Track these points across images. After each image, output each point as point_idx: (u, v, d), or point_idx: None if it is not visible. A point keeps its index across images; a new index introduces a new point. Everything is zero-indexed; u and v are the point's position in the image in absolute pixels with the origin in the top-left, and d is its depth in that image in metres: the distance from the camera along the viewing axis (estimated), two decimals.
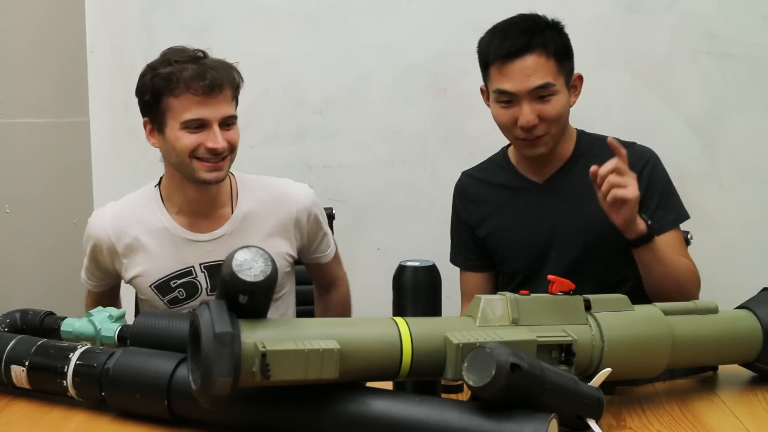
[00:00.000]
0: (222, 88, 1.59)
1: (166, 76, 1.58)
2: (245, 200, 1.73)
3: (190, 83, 1.57)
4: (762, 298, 1.39)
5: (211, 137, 1.59)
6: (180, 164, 1.63)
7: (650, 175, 1.73)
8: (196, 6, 2.52)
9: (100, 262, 1.75)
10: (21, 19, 2.36)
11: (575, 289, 1.20)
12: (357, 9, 2.48)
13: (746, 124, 2.40)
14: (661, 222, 1.69)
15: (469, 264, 1.88)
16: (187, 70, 1.58)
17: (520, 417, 0.99)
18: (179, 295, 1.71)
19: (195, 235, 1.70)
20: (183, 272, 1.70)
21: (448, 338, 1.08)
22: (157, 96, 1.60)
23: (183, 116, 1.59)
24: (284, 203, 1.75)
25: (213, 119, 1.60)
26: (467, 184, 1.88)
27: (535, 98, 1.65)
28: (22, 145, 2.37)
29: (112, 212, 1.74)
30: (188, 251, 1.69)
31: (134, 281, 1.73)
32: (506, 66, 1.65)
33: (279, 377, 0.99)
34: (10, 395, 1.29)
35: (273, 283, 1.03)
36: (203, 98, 1.58)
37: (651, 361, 1.23)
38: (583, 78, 1.76)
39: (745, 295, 1.41)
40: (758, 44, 2.37)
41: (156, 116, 1.64)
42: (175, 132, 1.60)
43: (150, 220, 1.70)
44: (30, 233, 2.38)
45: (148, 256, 1.70)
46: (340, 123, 2.51)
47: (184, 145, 1.60)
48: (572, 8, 2.41)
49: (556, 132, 1.69)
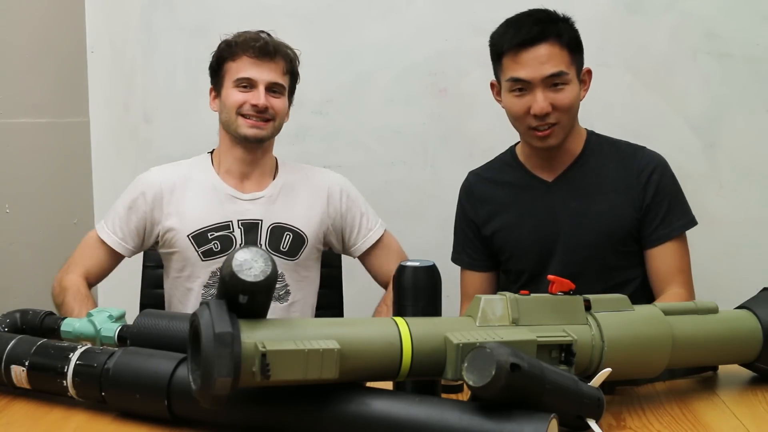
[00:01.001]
0: (273, 55, 1.84)
1: (228, 43, 1.87)
2: (286, 173, 1.96)
3: (245, 46, 1.83)
4: (762, 298, 1.39)
5: (255, 96, 1.82)
6: (228, 121, 1.86)
7: (659, 182, 1.74)
8: (196, 6, 2.52)
9: (137, 212, 1.87)
10: (21, 19, 2.36)
11: (578, 289, 1.20)
12: (357, 9, 2.48)
13: (746, 124, 2.40)
14: (670, 227, 1.71)
15: (473, 263, 1.88)
16: (246, 36, 1.85)
17: (520, 417, 0.99)
18: (214, 247, 1.85)
19: (238, 193, 1.89)
20: (222, 225, 1.86)
21: (448, 338, 1.08)
22: (220, 62, 1.88)
23: (236, 75, 1.84)
24: (319, 178, 1.97)
25: (260, 81, 1.83)
26: (474, 183, 1.88)
27: (548, 86, 1.66)
28: (22, 145, 2.37)
29: (167, 169, 1.94)
30: (230, 207, 1.87)
31: (169, 234, 1.86)
32: (520, 54, 1.66)
33: (279, 377, 0.99)
34: (10, 395, 1.28)
35: (273, 283, 1.03)
36: (255, 60, 1.83)
37: (651, 361, 1.23)
38: (591, 73, 1.78)
39: (745, 295, 1.41)
40: (758, 44, 2.37)
41: (218, 81, 1.89)
42: (228, 90, 1.85)
43: (198, 177, 1.91)
44: (30, 233, 2.38)
45: (192, 207, 1.87)
46: (340, 123, 2.51)
47: (233, 100, 1.84)
48: (572, 8, 2.39)
49: (567, 122, 1.70)
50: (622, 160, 1.77)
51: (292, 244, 1.88)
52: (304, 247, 1.89)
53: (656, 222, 1.73)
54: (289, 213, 1.89)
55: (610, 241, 1.72)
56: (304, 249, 1.90)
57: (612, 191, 1.75)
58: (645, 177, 1.74)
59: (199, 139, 2.41)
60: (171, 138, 2.55)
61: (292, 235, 1.88)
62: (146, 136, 2.57)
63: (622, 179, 1.75)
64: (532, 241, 1.78)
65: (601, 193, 1.74)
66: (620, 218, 1.74)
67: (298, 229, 1.89)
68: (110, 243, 1.87)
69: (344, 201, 1.95)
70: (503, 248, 1.82)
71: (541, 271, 1.74)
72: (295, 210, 1.90)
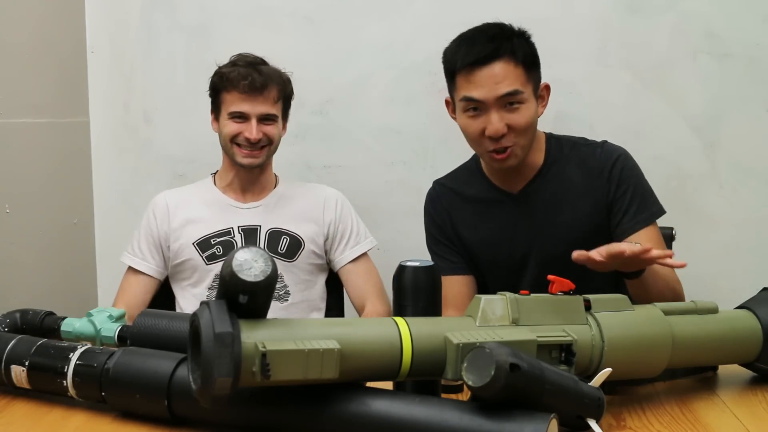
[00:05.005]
0: (263, 89, 1.92)
1: (221, 77, 1.96)
2: (283, 187, 2.08)
3: (236, 83, 1.92)
4: (762, 298, 1.39)
5: (248, 129, 1.93)
6: (226, 147, 1.98)
7: (620, 174, 1.70)
8: (196, 6, 2.52)
9: (152, 228, 2.01)
10: (21, 19, 2.36)
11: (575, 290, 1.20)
12: (357, 9, 2.48)
13: (746, 124, 2.40)
14: (634, 220, 1.68)
15: (454, 267, 1.80)
16: (237, 72, 1.93)
17: (520, 417, 0.99)
18: (217, 251, 1.97)
19: (239, 203, 2.03)
20: (223, 232, 1.99)
21: (448, 338, 1.08)
22: (216, 92, 1.98)
23: (229, 108, 1.95)
24: (316, 190, 2.10)
25: (252, 114, 1.93)
26: (441, 193, 1.84)
27: (503, 106, 1.61)
28: (22, 145, 2.37)
29: (173, 190, 2.10)
30: (230, 215, 2.01)
31: (178, 243, 1.99)
32: (474, 73, 1.62)
33: (279, 377, 0.99)
34: (10, 395, 1.29)
35: (273, 283, 1.03)
36: (245, 96, 1.92)
37: (651, 361, 1.23)
38: (550, 88, 1.74)
39: (745, 295, 1.41)
40: (758, 44, 2.37)
41: (216, 107, 2.00)
42: (224, 120, 1.96)
43: (202, 194, 2.06)
44: (30, 233, 2.38)
45: (197, 219, 2.00)
46: (340, 123, 2.51)
47: (228, 131, 1.95)
48: (572, 8, 2.42)
49: (525, 143, 1.66)
50: (584, 162, 1.73)
51: (290, 246, 1.99)
52: (301, 249, 1.99)
53: (620, 215, 1.69)
54: (286, 219, 2.01)
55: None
56: (301, 251, 1.99)
57: (577, 197, 1.72)
58: (606, 173, 1.70)
59: (199, 139, 2.42)
60: (171, 138, 2.55)
61: (288, 238, 1.99)
62: (146, 136, 2.57)
63: (585, 183, 1.72)
64: (503, 256, 1.76)
65: (566, 202, 1.70)
66: (589, 224, 1.70)
67: (294, 234, 2.00)
68: (134, 265, 2.01)
69: (339, 209, 2.06)
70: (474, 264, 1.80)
71: (515, 284, 1.71)
72: (292, 217, 2.02)
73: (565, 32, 2.39)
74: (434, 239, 1.84)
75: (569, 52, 2.38)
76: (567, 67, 2.34)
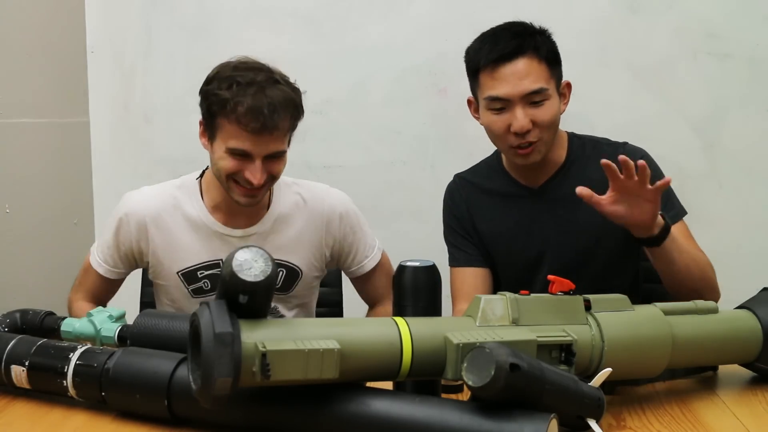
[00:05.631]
0: (273, 130, 1.56)
1: (222, 102, 1.55)
2: (280, 201, 1.75)
3: (242, 118, 1.54)
4: (762, 298, 1.39)
5: (251, 169, 1.58)
6: (220, 179, 1.65)
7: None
8: (196, 6, 2.52)
9: (123, 241, 1.73)
10: (21, 19, 2.37)
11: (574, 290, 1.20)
12: (357, 9, 2.48)
13: (746, 124, 2.40)
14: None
15: (470, 258, 1.81)
16: (244, 104, 1.53)
17: (520, 417, 0.99)
18: (204, 285, 1.73)
19: (228, 230, 1.71)
20: (211, 264, 1.72)
21: (448, 338, 1.08)
22: (212, 113, 1.59)
23: (229, 143, 1.57)
24: (317, 203, 1.77)
25: (257, 155, 1.58)
26: (461, 185, 1.85)
27: (528, 103, 1.62)
28: (22, 145, 2.37)
29: (152, 194, 1.74)
30: (219, 245, 1.71)
31: (158, 267, 1.74)
32: (498, 70, 1.62)
33: (279, 377, 0.99)
34: (10, 395, 1.29)
35: (273, 283, 1.03)
36: (252, 135, 1.55)
37: (651, 361, 1.23)
38: (571, 86, 1.74)
39: (745, 295, 1.41)
40: (758, 45, 2.37)
41: (209, 126, 1.62)
42: (220, 151, 1.59)
43: (188, 211, 1.72)
44: (30, 233, 2.38)
45: (181, 244, 1.71)
46: (340, 123, 2.51)
47: (225, 166, 1.60)
48: (573, 8, 2.42)
49: (548, 138, 1.67)
50: None
51: (286, 279, 1.76)
52: (298, 281, 1.77)
53: None
54: (282, 249, 1.73)
55: (598, 248, 1.70)
56: (298, 283, 1.78)
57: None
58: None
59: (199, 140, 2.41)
60: (171, 138, 2.55)
61: (285, 271, 1.75)
62: (146, 136, 2.57)
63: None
64: (518, 251, 1.76)
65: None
66: (607, 222, 1.71)
67: (292, 265, 1.76)
68: (102, 272, 1.78)
69: (343, 227, 1.79)
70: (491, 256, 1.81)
71: (531, 279, 1.72)
72: (290, 243, 1.74)
73: (565, 32, 2.37)
74: (452, 230, 1.85)
75: (569, 52, 2.37)
76: (567, 67, 2.33)
